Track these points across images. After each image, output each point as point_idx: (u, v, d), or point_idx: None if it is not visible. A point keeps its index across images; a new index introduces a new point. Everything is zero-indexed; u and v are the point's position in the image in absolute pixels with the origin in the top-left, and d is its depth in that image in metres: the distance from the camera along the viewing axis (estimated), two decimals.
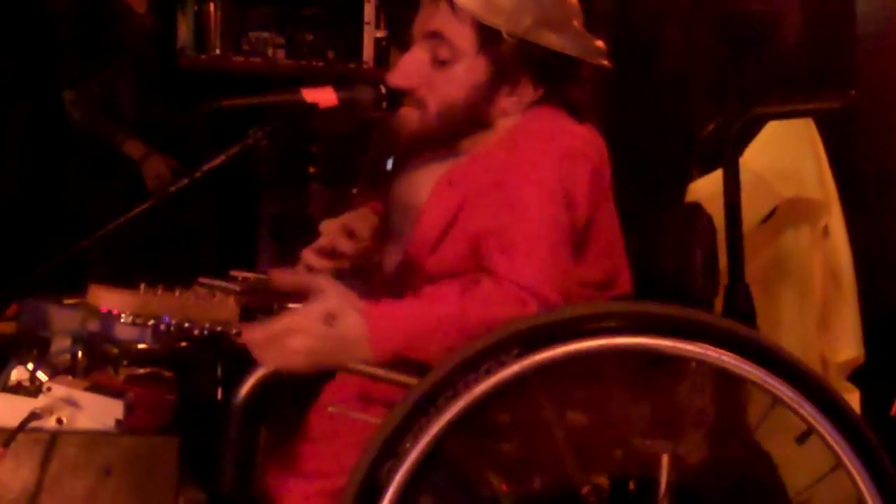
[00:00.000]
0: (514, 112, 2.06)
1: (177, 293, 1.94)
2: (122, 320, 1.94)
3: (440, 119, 2.05)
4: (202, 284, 1.97)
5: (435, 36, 2.04)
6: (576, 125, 2.05)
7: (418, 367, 1.88)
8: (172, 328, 1.94)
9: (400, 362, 1.92)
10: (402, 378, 1.92)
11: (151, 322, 1.93)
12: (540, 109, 2.06)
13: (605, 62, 2.07)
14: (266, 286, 2.00)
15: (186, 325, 1.93)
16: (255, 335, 1.84)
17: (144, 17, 4.32)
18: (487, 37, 2.00)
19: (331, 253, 2.19)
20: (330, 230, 2.20)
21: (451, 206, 2.02)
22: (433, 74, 2.04)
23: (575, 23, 2.06)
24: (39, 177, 4.24)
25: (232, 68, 4.80)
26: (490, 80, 2.03)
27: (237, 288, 1.98)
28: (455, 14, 2.00)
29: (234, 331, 1.93)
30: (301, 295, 1.90)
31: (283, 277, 1.95)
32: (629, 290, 2.14)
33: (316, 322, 1.84)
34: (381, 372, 1.94)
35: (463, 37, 2.02)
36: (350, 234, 2.19)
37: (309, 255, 2.19)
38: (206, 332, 1.93)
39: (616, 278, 2.11)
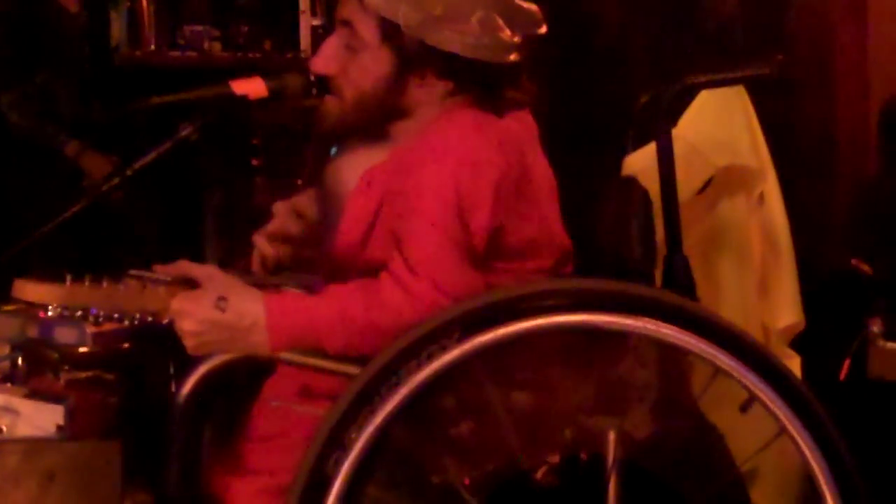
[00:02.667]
0: (429, 102, 2.03)
1: (104, 284, 1.92)
2: (49, 313, 1.92)
3: (355, 108, 2.03)
4: (132, 276, 1.95)
5: (345, 24, 2.03)
6: (492, 121, 2.00)
7: (361, 358, 1.88)
8: (101, 319, 1.92)
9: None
10: (345, 368, 1.91)
11: (79, 313, 1.91)
12: (457, 104, 2.01)
13: (511, 56, 2.00)
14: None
15: (116, 315, 1.92)
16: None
17: (78, 17, 4.27)
18: (389, 29, 1.98)
19: (281, 238, 2.18)
20: (280, 211, 2.19)
21: (369, 206, 2.01)
22: (347, 62, 2.03)
23: (481, 12, 1.97)
24: None
25: (168, 63, 4.76)
26: (396, 71, 2.00)
27: (168, 279, 1.96)
28: (361, 4, 1.99)
29: (165, 320, 1.92)
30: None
31: (167, 269, 1.95)
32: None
33: (205, 307, 1.89)
34: (322, 362, 1.93)
35: (367, 27, 2.00)
36: (299, 215, 2.19)
37: (260, 240, 2.18)
38: (136, 322, 1.92)
39: (566, 264, 2.11)
